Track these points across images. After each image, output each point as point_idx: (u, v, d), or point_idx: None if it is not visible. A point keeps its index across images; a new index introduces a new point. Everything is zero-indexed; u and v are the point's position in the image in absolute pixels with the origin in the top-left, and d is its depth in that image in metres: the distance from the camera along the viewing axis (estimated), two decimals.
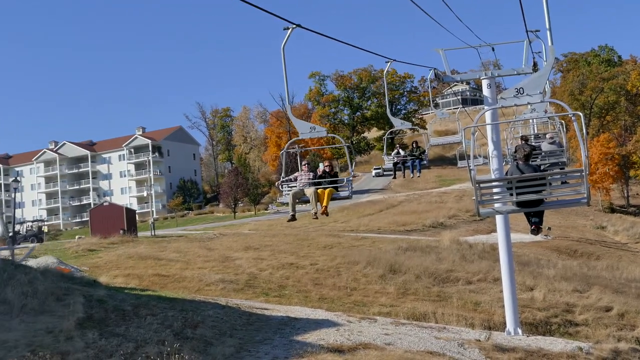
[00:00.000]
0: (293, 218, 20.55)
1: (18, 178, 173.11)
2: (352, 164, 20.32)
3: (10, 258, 29.24)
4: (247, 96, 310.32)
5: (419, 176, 31.21)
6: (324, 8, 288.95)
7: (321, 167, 20.74)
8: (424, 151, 30.24)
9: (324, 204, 19.87)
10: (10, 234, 79.94)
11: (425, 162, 30.12)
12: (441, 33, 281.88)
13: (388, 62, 24.65)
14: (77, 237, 69.89)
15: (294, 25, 15.39)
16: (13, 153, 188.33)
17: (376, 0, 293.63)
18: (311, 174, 20.82)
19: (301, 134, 18.54)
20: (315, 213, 19.88)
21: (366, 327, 24.41)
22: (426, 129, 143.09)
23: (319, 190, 20.05)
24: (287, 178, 20.97)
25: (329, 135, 18.90)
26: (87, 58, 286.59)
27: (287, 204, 20.61)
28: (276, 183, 21.94)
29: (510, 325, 26.53)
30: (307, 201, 20.25)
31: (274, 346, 20.02)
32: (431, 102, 43.87)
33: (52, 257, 39.17)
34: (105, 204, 70.81)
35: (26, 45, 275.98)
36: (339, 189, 20.63)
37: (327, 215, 20.05)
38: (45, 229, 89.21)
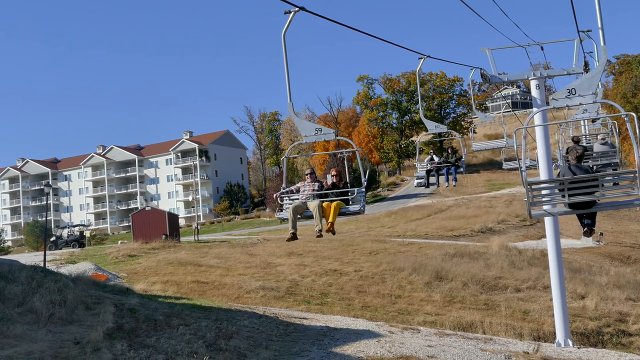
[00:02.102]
0: (293, 237, 17.49)
1: (66, 182, 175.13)
2: (365, 174, 17.83)
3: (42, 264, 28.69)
4: (294, 100, 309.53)
5: (454, 185, 29.39)
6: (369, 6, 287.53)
7: (329, 178, 18.46)
8: (461, 157, 28.48)
9: (330, 219, 16.94)
10: (53, 239, 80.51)
11: (461, 169, 28.37)
12: (486, 34, 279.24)
13: (421, 58, 23.29)
14: (119, 242, 69.61)
15: (297, 9, 13.86)
16: (61, 157, 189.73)
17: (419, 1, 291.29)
18: (316, 184, 18.02)
19: (305, 137, 15.74)
20: (320, 231, 17.06)
21: (408, 338, 23.44)
22: (464, 133, 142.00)
23: (324, 204, 17.10)
24: (287, 189, 18.14)
25: (339, 138, 16.53)
26: (136, 62, 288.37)
27: (287, 219, 17.52)
28: (274, 195, 18.45)
29: (560, 336, 25.42)
30: (311, 216, 17.26)
31: (310, 359, 19.13)
32: (473, 103, 42.65)
33: (90, 263, 38.76)
34: (147, 208, 70.28)
35: (73, 50, 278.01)
36: (349, 203, 17.52)
37: (334, 233, 17.30)
38: (87, 233, 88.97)
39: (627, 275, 46.77)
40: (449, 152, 28.88)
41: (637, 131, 12.76)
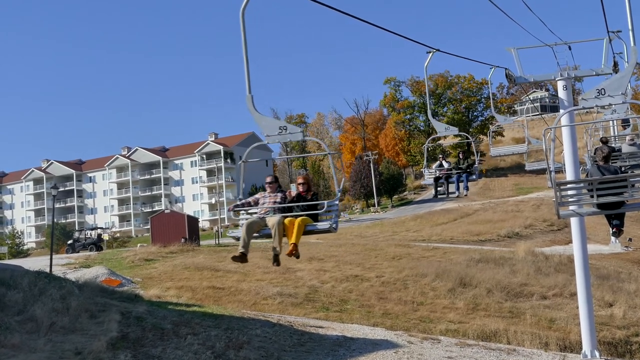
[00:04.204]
0: (242, 257, 13.97)
1: (90, 184, 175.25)
2: (339, 183, 14.57)
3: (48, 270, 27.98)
4: (321, 102, 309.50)
5: (465, 195, 27.32)
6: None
7: (293, 188, 15.92)
8: (473, 163, 26.51)
9: (292, 239, 13.54)
10: (70, 242, 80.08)
11: (474, 176, 26.43)
12: (512, 35, 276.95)
13: (430, 52, 21.89)
14: (138, 245, 69.02)
15: None
16: (86, 159, 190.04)
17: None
18: (279, 195, 14.87)
19: (267, 137, 13.21)
20: (277, 256, 13.93)
21: (428, 349, 22.53)
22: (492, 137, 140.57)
23: (286, 220, 13.82)
24: (242, 201, 14.79)
25: (308, 138, 13.65)
26: (162, 62, 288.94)
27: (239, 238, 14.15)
28: (228, 208, 15.15)
29: (586, 346, 24.42)
30: (270, 235, 13.85)
31: None
32: (492, 105, 41.72)
33: (104, 267, 38.05)
34: (166, 211, 69.64)
35: (100, 52, 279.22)
36: (318, 219, 14.21)
37: (298, 257, 13.74)
38: (106, 236, 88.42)
39: None
40: (460, 157, 27.13)
41: None
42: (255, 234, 13.99)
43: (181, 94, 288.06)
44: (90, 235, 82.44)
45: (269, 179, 15.20)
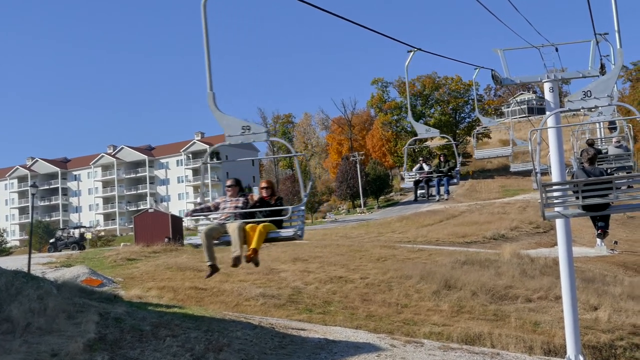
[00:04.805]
0: (213, 270, 13.58)
1: (75, 182, 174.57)
2: (306, 186, 12.86)
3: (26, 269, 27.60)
4: (309, 102, 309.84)
5: (446, 199, 26.83)
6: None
7: (255, 192, 14.85)
8: (454, 166, 25.99)
9: (253, 245, 12.81)
10: (52, 241, 79.45)
11: (455, 180, 25.95)
12: (498, 37, 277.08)
13: (411, 51, 21.49)
14: (122, 244, 68.58)
15: None
16: (71, 157, 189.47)
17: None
18: (240, 200, 13.96)
19: (228, 137, 12.16)
20: (237, 258, 12.95)
21: (410, 352, 22.27)
22: (479, 139, 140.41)
23: (247, 227, 13.03)
24: (202, 206, 13.94)
25: (273, 139, 12.53)
26: (150, 62, 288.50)
27: (200, 246, 13.55)
28: (185, 213, 14.44)
29: (570, 351, 24.15)
30: (230, 242, 13.04)
31: None
32: (476, 107, 41.62)
33: (85, 267, 37.68)
34: (150, 210, 69.22)
35: (86, 50, 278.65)
36: (281, 225, 13.35)
37: (257, 264, 13.18)
38: (88, 235, 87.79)
39: None
40: (441, 160, 26.69)
41: None
42: (215, 241, 13.26)
43: (168, 92, 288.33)
44: (73, 234, 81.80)
45: (229, 182, 14.21)
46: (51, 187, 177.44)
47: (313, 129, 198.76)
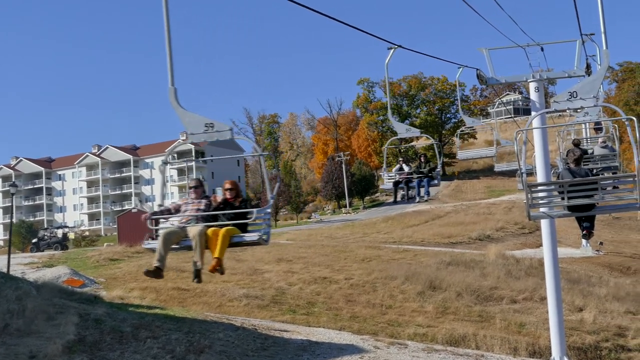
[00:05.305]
0: (157, 272, 12.84)
1: (60, 182, 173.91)
2: (273, 188, 12.29)
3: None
4: (294, 103, 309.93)
5: (426, 200, 26.48)
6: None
7: (219, 193, 14.15)
8: (435, 167, 25.65)
9: (216, 253, 12.23)
10: (35, 241, 78.98)
11: (436, 181, 25.58)
12: (484, 36, 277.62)
13: (391, 48, 21.18)
14: (105, 244, 68.21)
15: None
16: (56, 156, 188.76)
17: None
18: (203, 202, 13.35)
19: (191, 135, 11.69)
20: (198, 271, 12.72)
21: (394, 354, 22.07)
22: (465, 139, 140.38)
23: (209, 231, 12.39)
24: (161, 209, 13.20)
25: (236, 138, 11.96)
26: (134, 62, 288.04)
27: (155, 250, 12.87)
28: (143, 217, 13.19)
29: (555, 352, 24.04)
30: (191, 247, 12.48)
31: None
32: (459, 106, 41.66)
33: (66, 267, 37.36)
34: (133, 210, 68.84)
35: (72, 47, 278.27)
36: (247, 229, 12.66)
37: (222, 272, 12.68)
38: (71, 235, 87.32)
39: (627, 286, 45.57)
40: (422, 161, 26.35)
41: (637, 135, 12.67)
42: (174, 246, 12.76)
43: (153, 92, 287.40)
44: (56, 234, 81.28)
45: (192, 183, 13.70)
46: (35, 186, 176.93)
47: (299, 129, 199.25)
